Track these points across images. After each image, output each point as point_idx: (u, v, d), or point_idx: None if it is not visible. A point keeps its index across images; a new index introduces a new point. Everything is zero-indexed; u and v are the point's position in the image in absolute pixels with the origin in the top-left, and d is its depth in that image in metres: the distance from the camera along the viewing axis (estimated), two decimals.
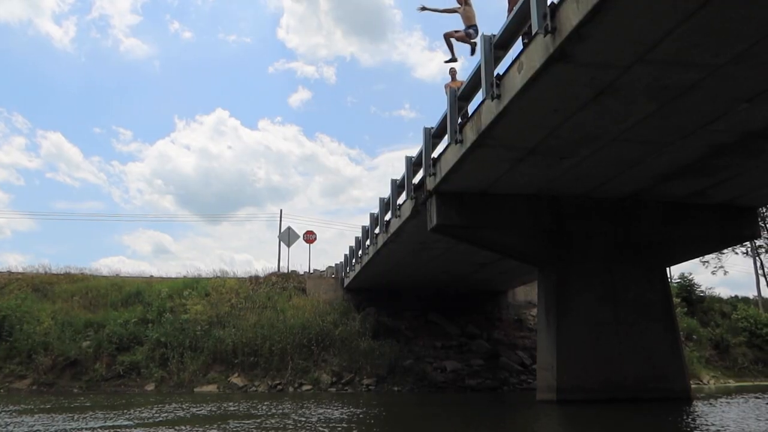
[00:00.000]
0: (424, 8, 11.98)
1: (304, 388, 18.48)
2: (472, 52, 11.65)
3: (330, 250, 74.27)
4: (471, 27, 11.57)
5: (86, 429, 8.43)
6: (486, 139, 9.54)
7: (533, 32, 7.36)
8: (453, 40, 11.77)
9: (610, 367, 12.14)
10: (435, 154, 12.22)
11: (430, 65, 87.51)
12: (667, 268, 14.49)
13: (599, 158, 10.40)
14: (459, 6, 11.68)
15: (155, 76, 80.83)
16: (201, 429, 8.43)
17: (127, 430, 8.37)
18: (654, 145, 9.87)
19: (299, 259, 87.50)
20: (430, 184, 12.19)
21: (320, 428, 8.51)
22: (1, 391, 18.22)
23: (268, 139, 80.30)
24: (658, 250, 13.12)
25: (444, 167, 11.39)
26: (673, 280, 26.21)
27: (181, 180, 72.97)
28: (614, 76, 7.50)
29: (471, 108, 10.48)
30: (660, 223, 13.00)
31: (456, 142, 10.49)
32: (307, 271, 26.90)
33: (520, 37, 8.76)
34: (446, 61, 12.14)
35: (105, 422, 9.41)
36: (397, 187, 14.96)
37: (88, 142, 77.21)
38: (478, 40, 10.53)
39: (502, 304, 23.83)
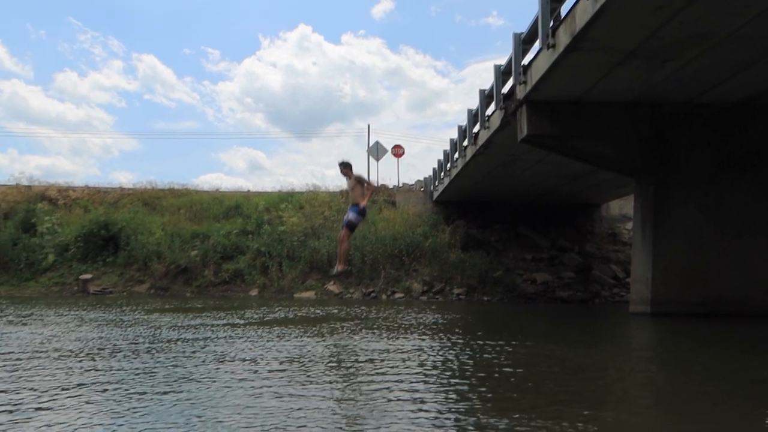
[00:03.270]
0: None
1: (397, 295, 19.26)
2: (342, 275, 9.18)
3: (418, 164, 74.64)
4: (355, 206, 9.21)
5: (209, 326, 9.41)
6: (581, 42, 9.08)
7: None
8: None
9: (709, 280, 11.84)
10: (525, 62, 11.78)
11: None
12: None
13: (708, 60, 9.70)
14: (349, 178, 9.40)
15: None
16: (315, 328, 9.19)
17: (243, 327, 9.22)
18: None
19: (388, 173, 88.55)
20: (520, 93, 11.86)
21: (423, 330, 9.18)
22: (125, 293, 20.28)
23: (352, 54, 79.78)
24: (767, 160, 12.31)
25: (535, 75, 11.01)
26: None
27: (269, 98, 74.62)
28: None
29: (564, 9, 9.91)
30: None
31: (548, 47, 10.06)
32: (396, 184, 27.37)
33: None
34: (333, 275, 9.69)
35: (223, 320, 10.43)
36: (486, 97, 14.65)
37: (179, 63, 79.93)
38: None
39: (595, 217, 23.35)
